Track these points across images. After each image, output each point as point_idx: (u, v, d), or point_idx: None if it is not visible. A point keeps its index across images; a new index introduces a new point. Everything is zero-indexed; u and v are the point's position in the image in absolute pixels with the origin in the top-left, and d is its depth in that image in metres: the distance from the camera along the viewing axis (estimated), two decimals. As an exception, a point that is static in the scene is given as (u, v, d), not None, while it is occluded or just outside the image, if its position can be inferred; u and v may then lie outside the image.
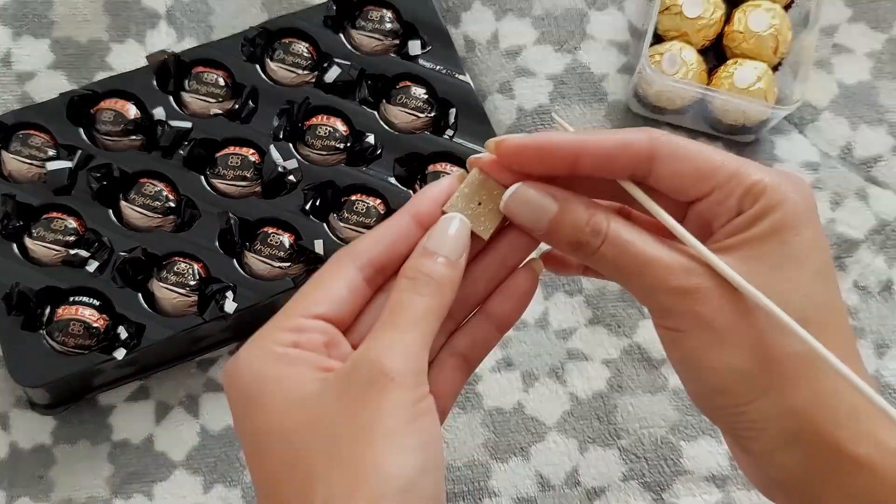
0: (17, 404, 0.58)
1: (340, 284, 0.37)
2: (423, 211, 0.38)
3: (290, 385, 0.35)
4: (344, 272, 0.37)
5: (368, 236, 0.38)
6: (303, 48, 0.63)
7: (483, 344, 0.40)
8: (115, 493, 0.57)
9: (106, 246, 0.58)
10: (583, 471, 0.58)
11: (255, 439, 0.35)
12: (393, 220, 0.38)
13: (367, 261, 0.37)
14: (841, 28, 0.68)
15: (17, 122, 0.60)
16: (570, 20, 0.68)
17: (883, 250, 0.63)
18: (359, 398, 0.34)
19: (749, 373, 0.35)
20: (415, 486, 0.33)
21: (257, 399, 0.35)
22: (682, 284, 0.35)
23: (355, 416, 0.34)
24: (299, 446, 0.34)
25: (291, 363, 0.35)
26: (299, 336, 0.36)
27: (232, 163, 0.59)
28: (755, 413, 0.35)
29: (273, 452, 0.34)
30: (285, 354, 0.35)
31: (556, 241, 0.37)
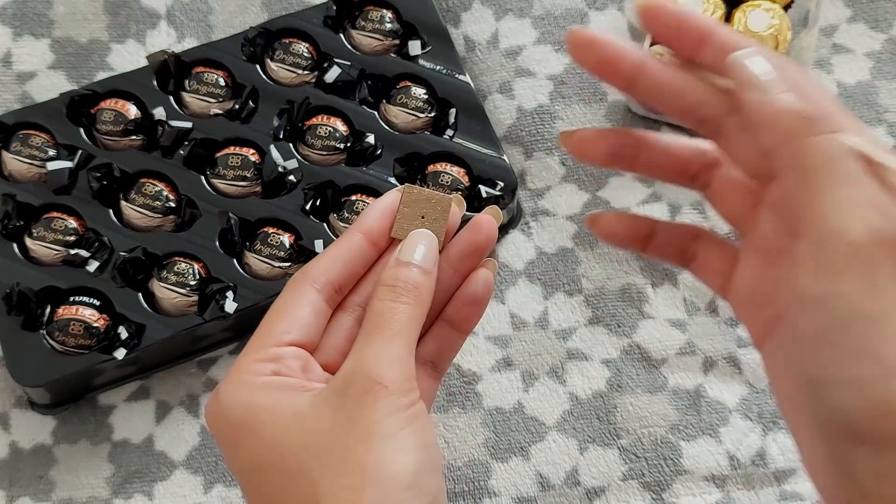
0: (18, 404, 0.58)
1: (305, 310, 0.38)
2: (373, 228, 0.40)
3: (282, 408, 0.36)
4: (306, 297, 0.38)
5: (322, 258, 0.39)
6: (303, 48, 0.63)
7: (449, 348, 0.42)
8: (115, 492, 0.57)
9: (106, 246, 0.58)
10: (582, 470, 0.58)
11: (253, 466, 0.36)
12: (344, 240, 0.40)
13: (325, 282, 0.39)
14: (840, 28, 0.68)
15: (17, 122, 0.60)
16: (570, 20, 0.68)
17: (882, 250, 0.63)
18: (355, 408, 0.35)
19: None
20: (418, 483, 0.34)
21: (251, 427, 0.36)
22: (853, 145, 0.31)
23: (353, 425, 0.35)
24: (300, 461, 0.35)
25: (278, 389, 0.36)
26: (277, 365, 0.37)
27: (232, 163, 0.59)
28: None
29: (273, 475, 0.35)
30: (270, 383, 0.36)
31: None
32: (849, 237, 0.30)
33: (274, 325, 0.38)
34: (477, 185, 0.60)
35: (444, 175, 0.60)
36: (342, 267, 0.39)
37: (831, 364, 0.30)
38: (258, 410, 0.36)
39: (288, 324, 0.38)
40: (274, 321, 0.38)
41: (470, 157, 0.60)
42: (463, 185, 0.60)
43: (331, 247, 0.40)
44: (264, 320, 0.38)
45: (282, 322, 0.38)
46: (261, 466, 0.36)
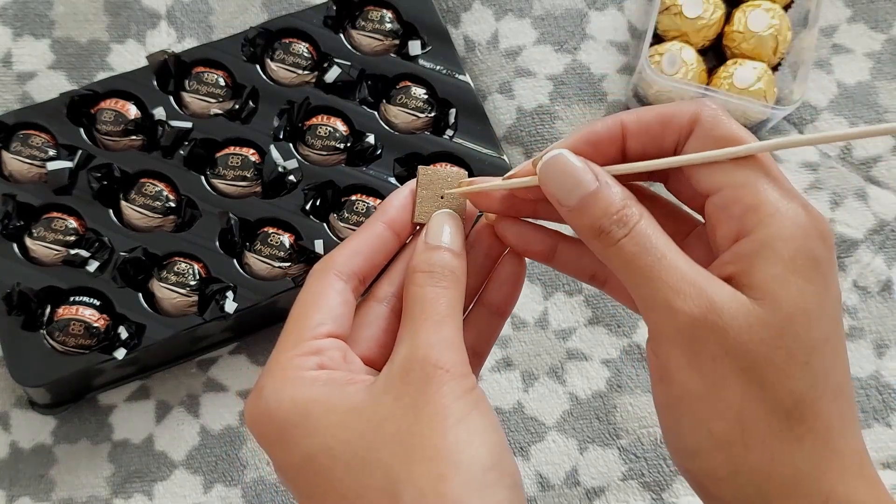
0: (18, 404, 0.58)
1: (336, 300, 0.37)
2: (395, 218, 0.39)
3: (335, 401, 0.35)
4: (334, 287, 0.37)
5: (346, 247, 0.38)
6: (303, 48, 0.63)
7: (488, 333, 0.41)
8: (115, 492, 0.57)
9: (106, 246, 0.58)
10: (582, 470, 0.58)
11: (311, 464, 0.34)
12: (367, 230, 0.39)
13: (350, 273, 0.38)
14: (840, 28, 0.68)
15: (17, 122, 0.60)
16: (570, 20, 0.68)
17: (882, 250, 0.63)
18: (419, 395, 0.34)
19: (724, 445, 0.33)
20: (499, 463, 0.34)
21: (302, 424, 0.34)
22: (690, 309, 0.33)
23: (421, 412, 0.34)
24: (367, 453, 0.34)
25: (326, 383, 0.35)
26: (320, 357, 0.36)
27: (232, 163, 0.59)
28: (727, 490, 0.34)
29: (337, 469, 0.34)
30: (317, 377, 0.35)
31: (578, 221, 0.35)
32: (673, 318, 0.33)
33: (308, 317, 0.37)
34: (477, 185, 0.60)
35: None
36: (365, 258, 0.38)
37: (678, 433, 0.35)
38: (308, 405, 0.34)
39: (322, 315, 0.37)
40: (307, 313, 0.37)
41: (470, 157, 0.60)
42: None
43: (353, 237, 0.39)
44: (294, 315, 0.37)
45: (315, 313, 0.37)
46: (318, 462, 0.34)
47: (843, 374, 0.34)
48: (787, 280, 0.32)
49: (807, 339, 0.32)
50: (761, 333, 0.32)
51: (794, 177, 0.65)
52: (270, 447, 0.36)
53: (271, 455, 0.36)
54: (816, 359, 0.32)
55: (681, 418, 0.34)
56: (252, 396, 0.36)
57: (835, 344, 0.33)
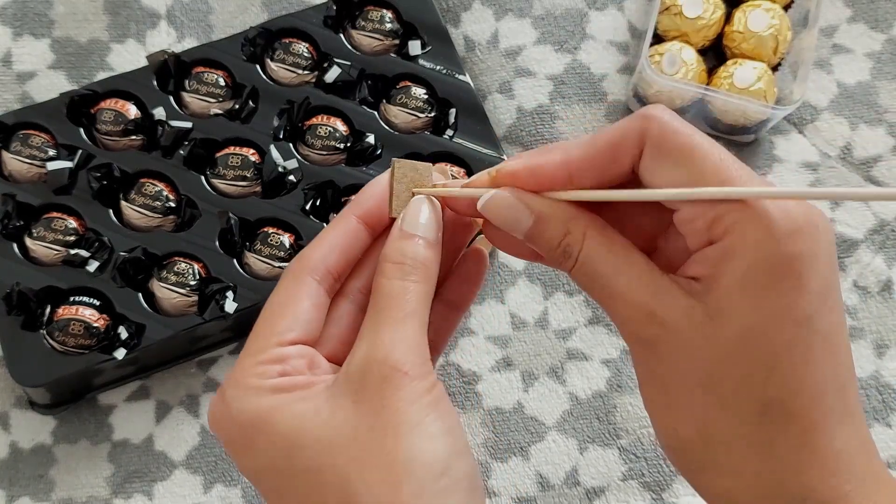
0: (18, 404, 0.58)
1: (306, 304, 0.36)
2: (370, 210, 0.38)
3: (295, 406, 0.34)
4: (306, 289, 0.37)
5: (319, 245, 0.38)
6: (303, 48, 0.63)
7: (446, 327, 0.40)
8: (115, 492, 0.57)
9: (106, 246, 0.58)
10: (582, 470, 0.58)
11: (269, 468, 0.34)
12: (340, 225, 0.38)
13: (324, 271, 0.37)
14: (840, 28, 0.68)
15: (17, 122, 0.60)
16: (570, 20, 0.68)
17: (882, 250, 0.63)
18: (376, 398, 0.34)
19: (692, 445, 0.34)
20: (451, 469, 0.33)
21: (263, 429, 0.34)
22: (639, 333, 0.33)
23: (377, 417, 0.33)
24: (324, 458, 0.33)
25: (288, 389, 0.35)
26: (283, 366, 0.35)
27: (232, 163, 0.59)
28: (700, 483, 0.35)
29: (295, 475, 0.34)
30: (278, 385, 0.35)
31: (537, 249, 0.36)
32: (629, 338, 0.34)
33: (275, 322, 0.36)
34: (477, 185, 0.60)
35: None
36: (340, 254, 0.37)
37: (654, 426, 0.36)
38: (269, 412, 0.34)
39: (290, 321, 0.36)
40: (275, 319, 0.36)
41: (470, 157, 0.60)
42: (463, 185, 0.60)
43: (326, 232, 0.38)
44: (263, 317, 0.37)
45: (283, 319, 0.36)
46: (279, 468, 0.34)
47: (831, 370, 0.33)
48: (744, 290, 0.31)
49: (769, 347, 0.32)
50: (717, 349, 0.32)
51: (795, 177, 0.65)
52: (234, 452, 0.36)
53: (235, 459, 0.36)
54: (784, 363, 0.32)
55: (654, 420, 0.35)
56: (215, 401, 0.36)
57: (812, 343, 0.32)
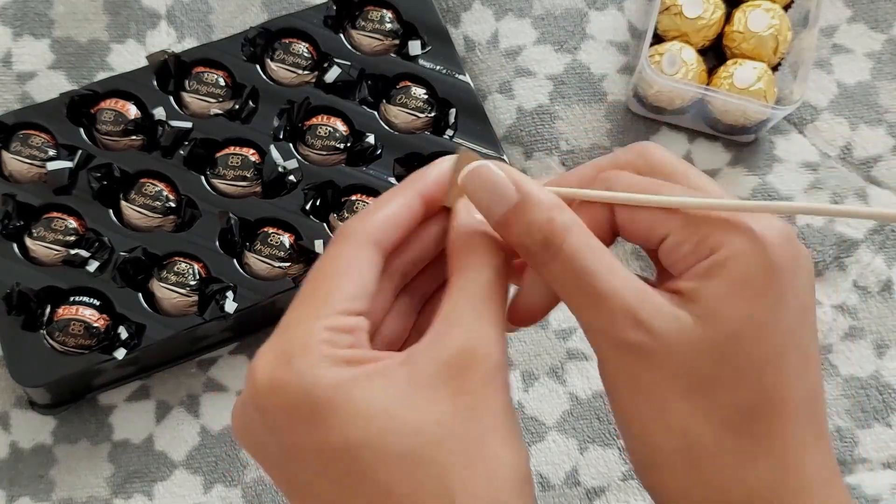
0: (18, 404, 0.58)
1: (371, 274, 0.34)
2: (434, 195, 0.36)
3: (377, 383, 0.31)
4: (370, 259, 0.34)
5: (382, 215, 0.35)
6: (303, 48, 0.63)
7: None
8: (115, 492, 0.57)
9: (106, 246, 0.58)
10: (582, 470, 0.58)
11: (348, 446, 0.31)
12: (404, 201, 0.35)
13: (386, 246, 0.35)
14: (840, 28, 0.68)
15: (17, 122, 0.60)
16: (570, 20, 0.68)
17: (882, 250, 0.63)
18: (480, 396, 0.32)
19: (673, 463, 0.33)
20: (530, 475, 0.33)
21: (345, 406, 0.31)
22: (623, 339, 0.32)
23: (481, 416, 0.32)
24: (424, 447, 0.31)
25: (363, 363, 0.32)
26: (353, 337, 0.33)
27: (232, 163, 0.59)
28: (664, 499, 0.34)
29: (386, 457, 0.31)
30: (353, 357, 0.32)
31: (505, 236, 0.34)
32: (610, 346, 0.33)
33: (342, 287, 0.33)
34: (477, 185, 0.60)
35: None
36: (400, 231, 0.35)
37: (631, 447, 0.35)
38: (351, 385, 0.31)
39: (357, 290, 0.33)
40: (340, 282, 0.33)
41: (470, 157, 0.60)
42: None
43: (387, 204, 0.35)
44: (324, 277, 0.33)
45: (349, 284, 0.33)
46: (361, 449, 0.31)
47: (808, 388, 0.33)
48: (733, 296, 0.32)
49: (756, 354, 0.32)
50: (705, 352, 0.32)
51: (794, 177, 0.65)
52: (294, 427, 0.31)
53: (291, 438, 0.32)
54: (769, 373, 0.32)
55: (630, 434, 0.34)
56: (274, 365, 0.32)
57: (793, 358, 0.32)
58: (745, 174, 0.65)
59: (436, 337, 0.32)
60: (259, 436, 0.33)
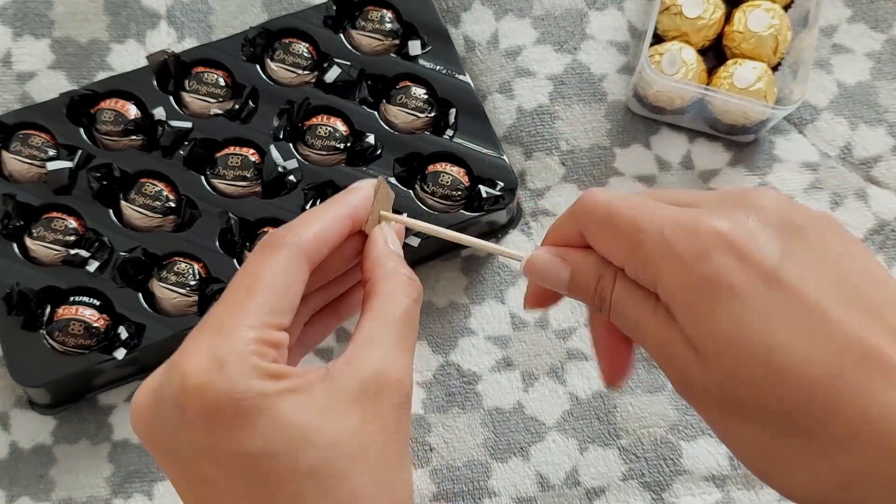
0: (18, 404, 0.58)
1: (298, 290, 0.35)
2: (360, 217, 0.38)
3: (300, 398, 0.33)
4: (300, 275, 0.35)
5: (315, 232, 0.36)
6: (303, 48, 0.63)
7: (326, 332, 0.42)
8: (115, 492, 0.57)
9: (106, 246, 0.58)
10: (582, 470, 0.58)
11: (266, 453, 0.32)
12: (335, 220, 0.37)
13: (314, 263, 0.36)
14: (840, 28, 0.68)
15: (17, 122, 0.60)
16: (570, 20, 0.68)
17: (882, 250, 0.63)
18: (391, 420, 0.33)
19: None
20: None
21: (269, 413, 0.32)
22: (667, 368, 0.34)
23: (391, 440, 0.33)
24: (337, 462, 0.32)
25: (285, 377, 0.33)
26: (278, 352, 0.34)
27: (232, 163, 0.59)
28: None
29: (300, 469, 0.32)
30: (278, 371, 0.33)
31: (578, 297, 0.37)
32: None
33: (273, 298, 0.34)
34: (477, 185, 0.60)
35: (444, 175, 0.60)
36: (327, 251, 0.36)
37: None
38: (276, 397, 0.32)
39: (286, 303, 0.34)
40: (271, 295, 0.34)
41: (470, 157, 0.60)
42: (463, 186, 0.60)
43: (319, 220, 0.36)
44: (256, 285, 0.34)
45: (280, 298, 0.34)
46: (276, 457, 0.32)
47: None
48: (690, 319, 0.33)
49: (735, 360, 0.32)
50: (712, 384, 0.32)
51: (794, 177, 0.65)
52: (216, 429, 0.32)
53: (210, 439, 0.32)
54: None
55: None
56: (203, 365, 0.33)
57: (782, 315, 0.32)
58: (745, 174, 0.65)
59: (354, 357, 0.34)
60: (170, 432, 0.33)
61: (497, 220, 0.61)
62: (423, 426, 0.59)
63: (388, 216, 0.39)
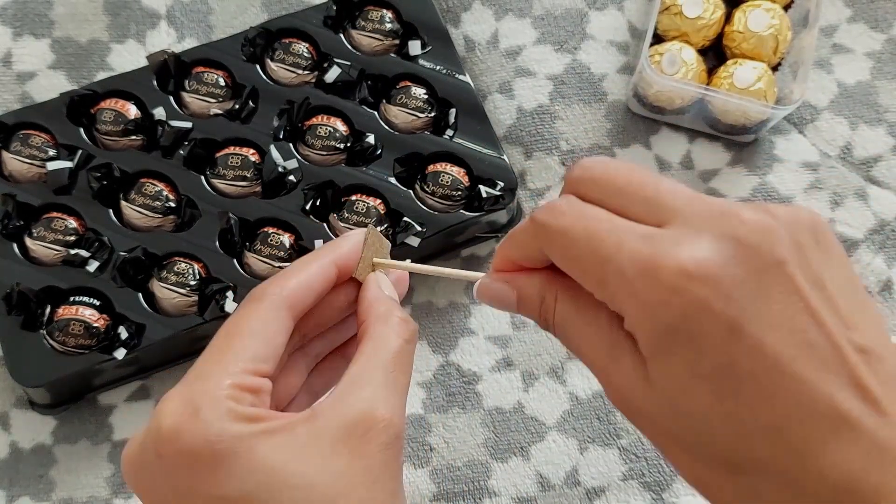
0: (18, 404, 0.58)
1: (281, 340, 0.36)
2: (347, 265, 0.39)
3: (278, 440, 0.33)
4: (283, 324, 0.36)
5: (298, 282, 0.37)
6: (303, 48, 0.63)
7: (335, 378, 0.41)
8: (115, 492, 0.57)
9: (106, 246, 0.58)
10: (583, 470, 0.58)
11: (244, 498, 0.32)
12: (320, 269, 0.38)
13: (300, 311, 0.37)
14: (840, 28, 0.68)
15: (17, 122, 0.60)
16: (570, 20, 0.68)
17: (882, 250, 0.63)
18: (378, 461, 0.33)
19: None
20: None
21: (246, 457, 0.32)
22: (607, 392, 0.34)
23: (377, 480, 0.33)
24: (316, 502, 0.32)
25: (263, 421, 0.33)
26: (257, 397, 0.34)
27: (232, 163, 0.59)
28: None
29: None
30: (256, 415, 0.33)
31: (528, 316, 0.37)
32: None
33: (252, 347, 0.35)
34: (477, 185, 0.60)
35: (445, 175, 0.60)
36: (315, 298, 0.37)
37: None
38: (251, 440, 0.32)
39: (268, 352, 0.35)
40: (251, 343, 0.35)
41: (470, 157, 0.60)
42: (463, 186, 0.60)
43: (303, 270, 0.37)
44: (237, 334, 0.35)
45: (261, 348, 0.35)
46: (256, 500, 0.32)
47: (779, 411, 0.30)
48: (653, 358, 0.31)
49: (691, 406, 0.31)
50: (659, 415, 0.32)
51: (794, 176, 0.65)
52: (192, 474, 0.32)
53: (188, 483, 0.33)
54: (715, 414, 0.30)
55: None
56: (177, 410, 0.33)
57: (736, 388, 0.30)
58: (745, 174, 0.65)
59: (341, 396, 0.34)
60: (153, 479, 0.34)
61: (497, 220, 0.61)
62: (423, 426, 0.59)
63: (383, 262, 0.40)
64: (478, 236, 0.62)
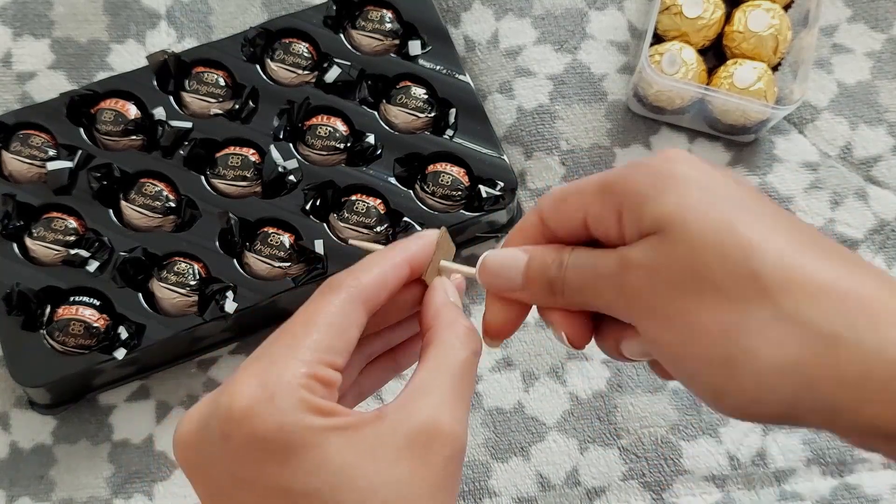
0: (18, 404, 0.58)
1: (355, 333, 0.35)
2: (419, 266, 0.38)
3: (347, 438, 0.32)
4: (357, 318, 0.35)
5: (375, 276, 0.36)
6: (303, 48, 0.63)
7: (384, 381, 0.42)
8: (115, 492, 0.57)
9: (106, 246, 0.58)
10: (583, 470, 0.58)
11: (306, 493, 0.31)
12: (395, 266, 0.37)
13: (373, 306, 0.36)
14: (840, 28, 0.68)
15: (17, 122, 0.60)
16: (570, 20, 0.68)
17: (882, 250, 0.63)
18: (441, 472, 0.33)
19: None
20: None
21: (316, 450, 0.31)
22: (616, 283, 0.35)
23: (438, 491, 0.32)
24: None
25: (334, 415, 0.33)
26: (329, 390, 0.33)
27: (232, 163, 0.59)
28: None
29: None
30: (328, 409, 0.32)
31: (531, 289, 0.37)
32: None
33: (329, 337, 0.34)
34: (477, 185, 0.60)
35: (444, 175, 0.60)
36: (386, 296, 0.36)
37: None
38: (324, 434, 0.32)
39: (342, 346, 0.34)
40: (328, 335, 0.34)
41: (470, 157, 0.60)
42: (463, 186, 0.60)
43: (379, 265, 0.37)
44: (314, 322, 0.34)
45: (336, 338, 0.34)
46: (318, 496, 0.31)
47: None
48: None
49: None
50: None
51: (795, 176, 0.65)
52: (259, 461, 0.32)
53: (252, 470, 0.32)
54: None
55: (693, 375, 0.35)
56: (252, 393, 0.32)
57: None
58: (746, 174, 0.65)
59: (407, 403, 0.34)
60: (211, 461, 0.33)
61: (497, 220, 0.61)
62: (423, 426, 0.59)
63: (448, 266, 0.39)
64: (478, 236, 0.62)
